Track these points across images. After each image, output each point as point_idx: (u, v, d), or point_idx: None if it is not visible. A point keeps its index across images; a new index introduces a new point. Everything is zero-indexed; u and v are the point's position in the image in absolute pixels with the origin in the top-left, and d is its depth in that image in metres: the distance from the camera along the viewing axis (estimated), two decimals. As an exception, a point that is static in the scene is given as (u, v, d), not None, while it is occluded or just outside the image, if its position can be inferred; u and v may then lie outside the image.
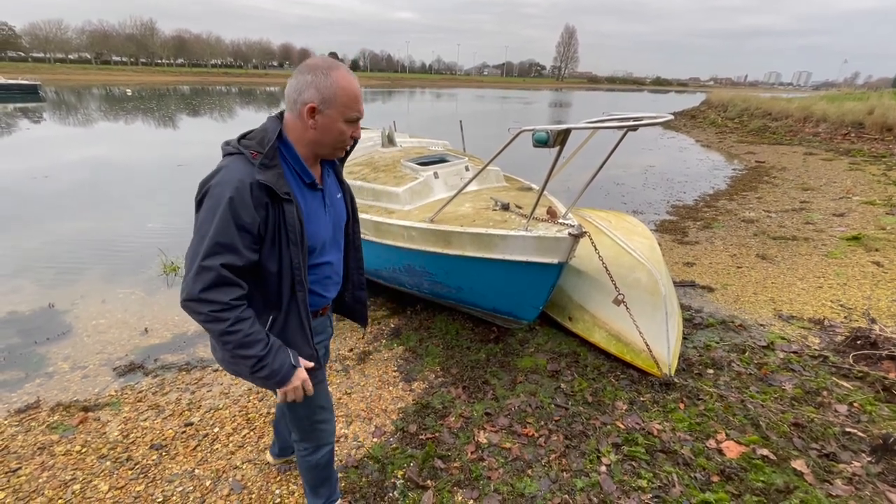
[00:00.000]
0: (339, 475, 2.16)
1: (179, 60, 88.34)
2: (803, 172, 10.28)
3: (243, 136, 1.27)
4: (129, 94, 35.44)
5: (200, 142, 13.75)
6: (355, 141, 1.35)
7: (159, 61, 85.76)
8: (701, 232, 6.14)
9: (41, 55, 76.92)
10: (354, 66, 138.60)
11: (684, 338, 3.31)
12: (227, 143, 1.27)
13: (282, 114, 1.30)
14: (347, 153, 1.48)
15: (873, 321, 3.34)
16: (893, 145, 12.63)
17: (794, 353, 3.13)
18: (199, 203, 1.19)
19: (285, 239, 1.23)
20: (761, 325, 3.59)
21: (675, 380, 2.72)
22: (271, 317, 1.33)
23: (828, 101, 18.34)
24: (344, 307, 1.72)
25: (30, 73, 41.90)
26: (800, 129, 16.59)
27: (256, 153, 1.19)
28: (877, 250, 5.21)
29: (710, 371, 2.90)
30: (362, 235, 3.61)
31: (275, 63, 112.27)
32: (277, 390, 1.30)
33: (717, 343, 3.28)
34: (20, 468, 2.23)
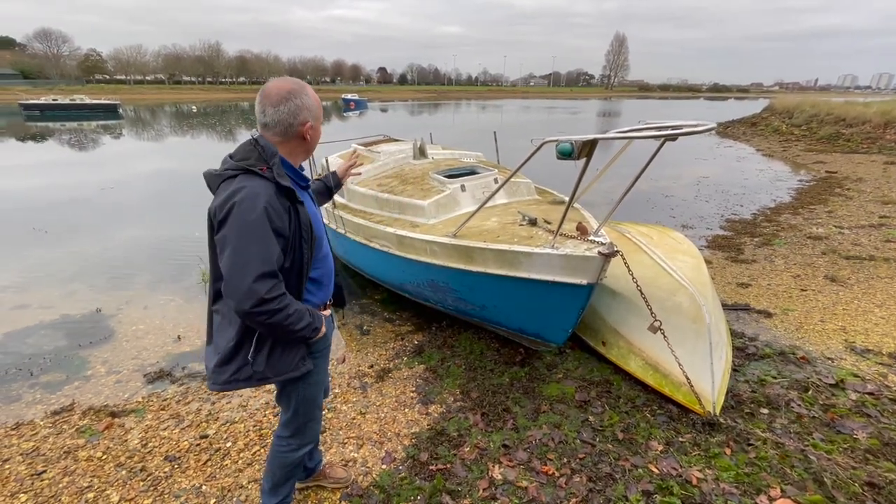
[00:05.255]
0: (343, 504, 2.06)
1: (241, 78, 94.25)
2: (883, 184, 9.24)
3: (231, 159, 1.39)
4: (195, 110, 38.23)
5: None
6: None
7: (223, 80, 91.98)
8: (759, 249, 5.60)
9: (123, 77, 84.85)
10: (402, 79, 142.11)
11: (734, 370, 2.96)
12: (222, 170, 1.37)
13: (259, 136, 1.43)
14: None
15: (972, 360, 2.84)
16: None
17: (870, 394, 2.70)
18: (225, 219, 1.29)
19: (299, 238, 1.39)
20: (829, 358, 3.16)
21: (721, 419, 2.41)
22: None
23: (914, 104, 16.52)
24: None
25: (112, 94, 46.31)
26: (879, 136, 15.02)
27: (265, 167, 1.34)
28: (976, 274, 4.51)
29: (765, 411, 2.55)
30: (386, 248, 3.59)
31: (327, 79, 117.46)
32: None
33: (774, 378, 2.90)
34: (45, 471, 2.31)
